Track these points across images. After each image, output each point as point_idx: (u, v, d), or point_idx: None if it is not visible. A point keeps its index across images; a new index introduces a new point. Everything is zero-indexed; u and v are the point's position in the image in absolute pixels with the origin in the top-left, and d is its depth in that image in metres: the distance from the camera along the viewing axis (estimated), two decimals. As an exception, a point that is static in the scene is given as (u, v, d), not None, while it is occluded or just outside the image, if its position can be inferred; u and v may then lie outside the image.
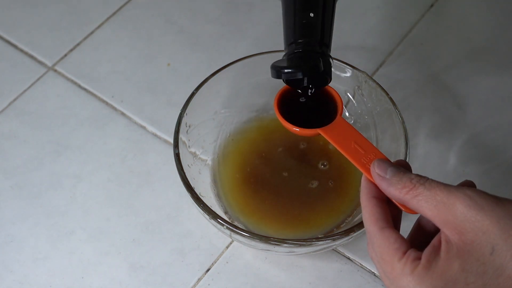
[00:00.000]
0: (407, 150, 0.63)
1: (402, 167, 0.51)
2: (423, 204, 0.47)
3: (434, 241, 0.47)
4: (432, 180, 0.48)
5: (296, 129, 0.58)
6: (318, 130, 0.57)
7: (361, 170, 0.53)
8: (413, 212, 0.49)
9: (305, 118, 0.58)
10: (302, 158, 0.70)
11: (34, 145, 0.74)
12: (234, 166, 0.69)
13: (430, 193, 0.47)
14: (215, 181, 0.68)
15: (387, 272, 0.48)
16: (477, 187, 0.48)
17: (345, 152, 0.54)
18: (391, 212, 0.51)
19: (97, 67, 0.80)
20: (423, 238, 0.52)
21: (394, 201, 0.50)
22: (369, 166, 0.52)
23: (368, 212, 0.50)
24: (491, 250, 0.45)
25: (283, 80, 0.58)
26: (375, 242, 0.49)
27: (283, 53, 0.58)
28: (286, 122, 0.58)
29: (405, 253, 0.47)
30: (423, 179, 0.48)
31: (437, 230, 0.48)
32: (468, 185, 0.51)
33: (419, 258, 0.47)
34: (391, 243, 0.48)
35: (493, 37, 0.82)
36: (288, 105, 0.59)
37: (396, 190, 0.49)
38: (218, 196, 0.67)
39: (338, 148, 0.55)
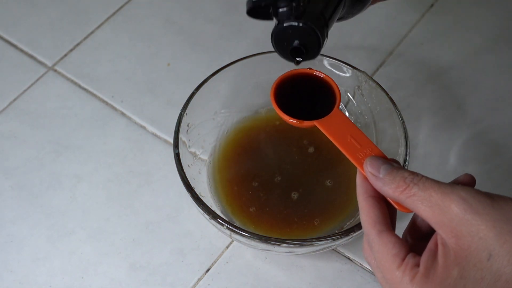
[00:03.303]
0: (407, 150, 0.63)
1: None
2: (418, 204, 0.47)
3: (431, 244, 0.47)
4: (426, 179, 0.48)
5: (292, 120, 0.57)
6: (314, 122, 0.56)
7: (356, 165, 0.52)
8: (408, 210, 0.49)
9: (302, 110, 0.58)
10: (301, 158, 0.70)
11: (34, 145, 0.74)
12: (231, 166, 0.69)
13: (424, 194, 0.47)
14: (213, 182, 0.68)
15: (387, 279, 0.48)
16: (477, 188, 0.48)
17: (340, 146, 0.54)
18: (388, 210, 0.50)
19: (97, 67, 0.80)
20: (419, 234, 0.52)
21: (389, 199, 0.50)
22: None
23: (365, 213, 0.50)
24: (488, 256, 0.44)
25: (271, 41, 0.55)
26: (374, 246, 0.49)
27: None
28: (282, 113, 0.57)
29: (403, 259, 0.47)
30: (416, 178, 0.48)
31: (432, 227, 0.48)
32: (465, 181, 0.51)
33: (418, 265, 0.47)
34: (389, 248, 0.48)
35: (493, 37, 0.82)
36: (286, 96, 0.58)
37: (389, 189, 0.49)
38: (217, 196, 0.67)
39: (333, 142, 0.54)
